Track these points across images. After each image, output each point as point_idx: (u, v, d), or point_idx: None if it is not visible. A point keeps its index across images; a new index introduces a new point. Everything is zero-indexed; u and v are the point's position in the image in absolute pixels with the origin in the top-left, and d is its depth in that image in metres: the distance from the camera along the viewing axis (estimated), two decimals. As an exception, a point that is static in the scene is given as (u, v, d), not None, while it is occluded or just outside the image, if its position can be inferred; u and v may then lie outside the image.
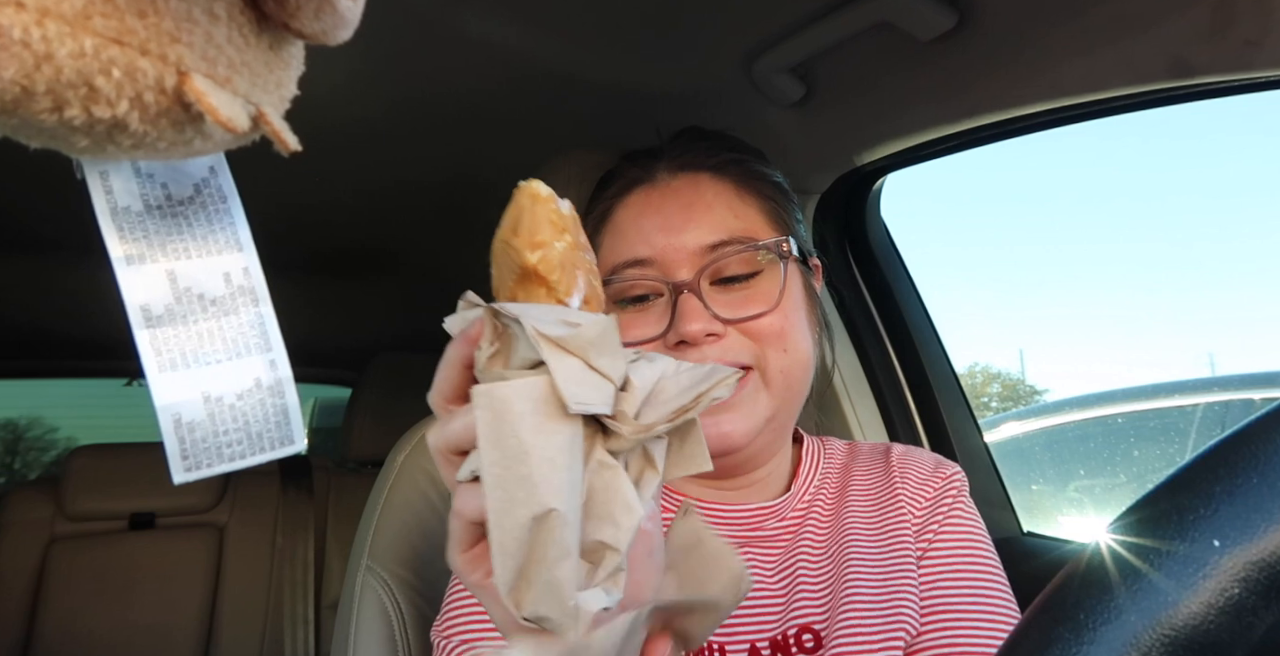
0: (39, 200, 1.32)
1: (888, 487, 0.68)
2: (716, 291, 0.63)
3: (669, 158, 0.68)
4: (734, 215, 0.64)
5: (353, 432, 1.96)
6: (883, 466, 0.70)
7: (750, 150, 0.72)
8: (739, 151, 0.70)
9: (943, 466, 0.70)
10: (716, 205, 0.64)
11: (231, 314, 0.28)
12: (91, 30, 0.19)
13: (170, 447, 0.26)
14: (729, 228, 0.63)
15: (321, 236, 1.66)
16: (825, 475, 0.71)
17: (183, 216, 0.28)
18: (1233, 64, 0.63)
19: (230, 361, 0.28)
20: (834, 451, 0.74)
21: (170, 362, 0.27)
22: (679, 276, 0.62)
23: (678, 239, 0.63)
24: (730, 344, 0.62)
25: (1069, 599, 0.24)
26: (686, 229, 0.63)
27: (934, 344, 1.12)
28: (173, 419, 0.26)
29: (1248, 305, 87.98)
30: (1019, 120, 0.84)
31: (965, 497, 0.68)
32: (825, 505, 0.68)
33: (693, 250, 0.62)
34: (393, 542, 0.84)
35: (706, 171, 0.66)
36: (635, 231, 0.65)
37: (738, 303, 0.62)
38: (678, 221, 0.63)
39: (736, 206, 0.65)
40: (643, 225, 0.65)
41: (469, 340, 0.34)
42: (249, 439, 0.28)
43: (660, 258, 0.63)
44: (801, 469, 0.70)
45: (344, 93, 1.01)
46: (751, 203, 0.66)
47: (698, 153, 0.68)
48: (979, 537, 0.66)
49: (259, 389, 0.28)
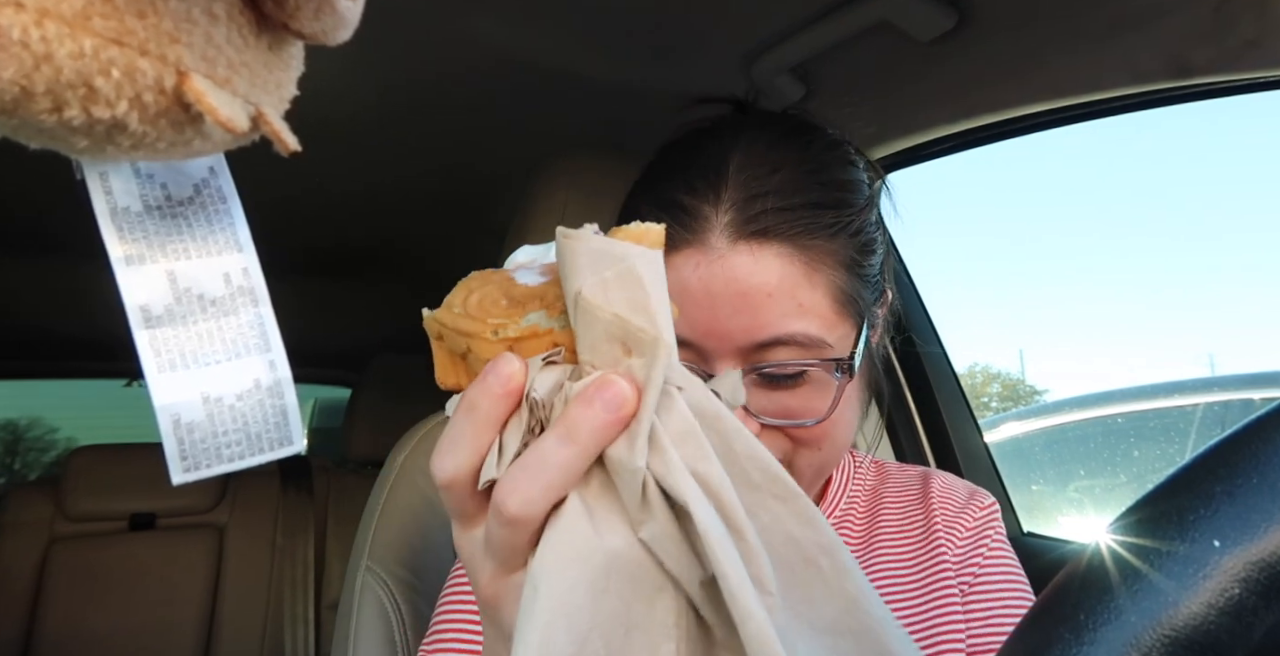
0: (38, 201, 1.32)
1: (925, 519, 0.64)
2: (759, 385, 0.54)
3: (731, 210, 0.53)
4: (798, 306, 0.52)
5: (353, 433, 1.96)
6: (919, 493, 0.66)
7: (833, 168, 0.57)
8: (822, 184, 0.54)
9: (978, 495, 0.66)
10: (779, 295, 0.51)
11: (231, 314, 0.28)
12: (91, 31, 0.19)
13: (169, 448, 0.26)
14: (788, 324, 0.51)
15: (322, 237, 1.66)
16: (854, 497, 0.67)
17: (182, 217, 0.28)
18: (1233, 64, 0.63)
19: (230, 362, 0.28)
20: (863, 471, 0.69)
21: (170, 363, 0.27)
22: (717, 369, 0.53)
23: (723, 327, 0.52)
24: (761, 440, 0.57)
25: (1069, 599, 0.24)
26: (736, 318, 0.51)
27: (934, 344, 1.12)
28: (172, 419, 0.26)
29: (1248, 305, 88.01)
30: (1019, 120, 0.84)
31: (1003, 529, 0.65)
32: (854, 528, 0.65)
33: (740, 345, 0.52)
34: (392, 543, 0.84)
35: (776, 241, 0.52)
36: (679, 304, 0.54)
37: (780, 403, 0.53)
38: (727, 309, 0.51)
39: (803, 293, 0.52)
40: (684, 302, 0.53)
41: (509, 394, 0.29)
42: (248, 439, 0.28)
43: (700, 343, 0.53)
44: (831, 489, 0.66)
45: (344, 92, 1.01)
46: (819, 287, 0.52)
47: (767, 197, 0.52)
48: (1019, 573, 0.63)
49: (258, 389, 0.28)
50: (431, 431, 0.88)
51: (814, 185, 0.54)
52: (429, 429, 0.89)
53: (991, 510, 0.65)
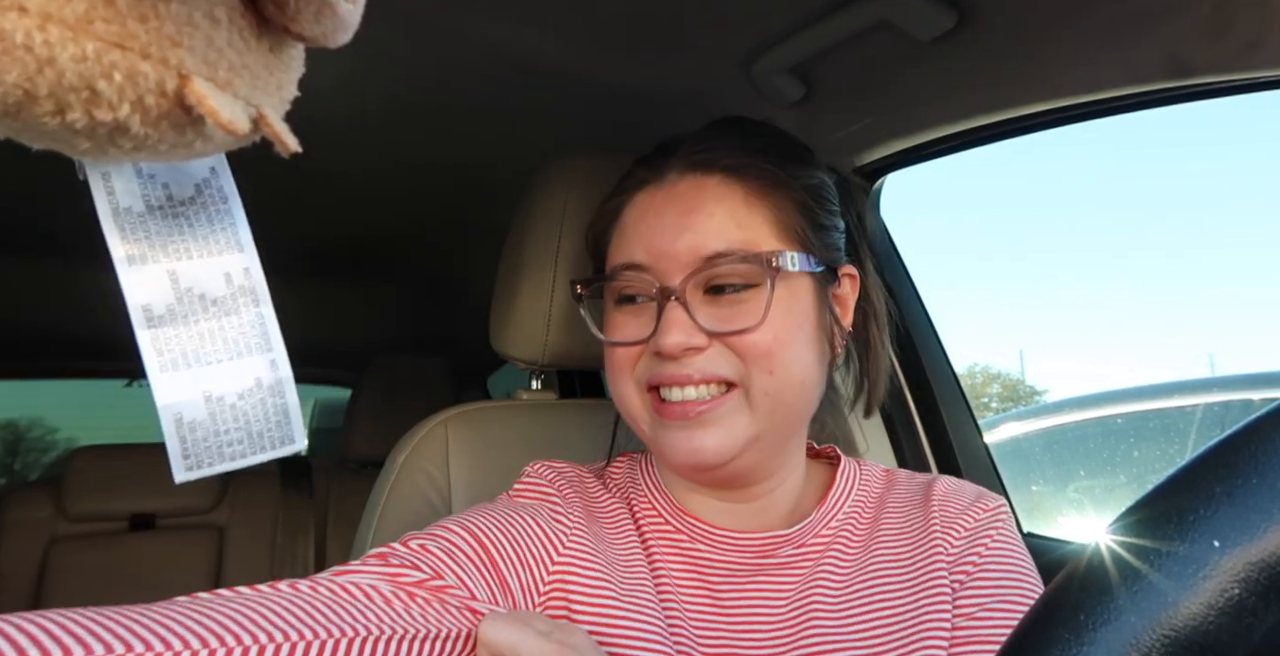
0: (41, 201, 1.32)
1: (923, 520, 0.65)
2: (707, 301, 0.60)
3: (684, 153, 0.64)
4: (736, 224, 0.60)
5: (353, 433, 1.96)
6: (922, 499, 0.67)
7: (784, 149, 0.66)
8: (767, 152, 0.64)
9: (985, 497, 0.66)
10: (718, 212, 0.60)
11: (232, 314, 0.28)
12: (93, 34, 0.19)
13: (171, 447, 0.26)
14: (728, 238, 0.59)
15: (323, 237, 1.66)
16: (858, 504, 0.67)
17: (184, 217, 0.28)
18: (1233, 64, 0.63)
19: (231, 361, 0.28)
20: (871, 478, 0.70)
21: (172, 362, 0.27)
22: (669, 282, 0.60)
23: (672, 245, 0.60)
24: (713, 356, 0.59)
25: (1069, 600, 0.24)
26: (682, 235, 0.60)
27: (934, 344, 1.12)
28: (174, 418, 0.26)
29: (1248, 305, 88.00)
30: (1019, 120, 0.84)
31: (1010, 529, 0.64)
32: (854, 535, 0.65)
33: (686, 259, 0.59)
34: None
35: (717, 173, 0.62)
36: (634, 234, 0.63)
37: (725, 316, 0.59)
38: (675, 227, 0.60)
39: (741, 214, 0.61)
40: (641, 229, 0.62)
41: None
42: (250, 438, 0.28)
43: (654, 264, 0.61)
44: (831, 494, 0.66)
45: (344, 92, 1.01)
46: (760, 210, 0.61)
47: (716, 150, 0.63)
48: (1023, 570, 0.62)
49: (259, 388, 0.28)
50: (432, 432, 0.88)
51: (762, 149, 0.64)
52: (429, 429, 0.89)
53: (996, 511, 0.65)
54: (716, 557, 0.63)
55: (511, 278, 0.88)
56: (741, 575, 0.62)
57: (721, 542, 0.64)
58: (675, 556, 0.63)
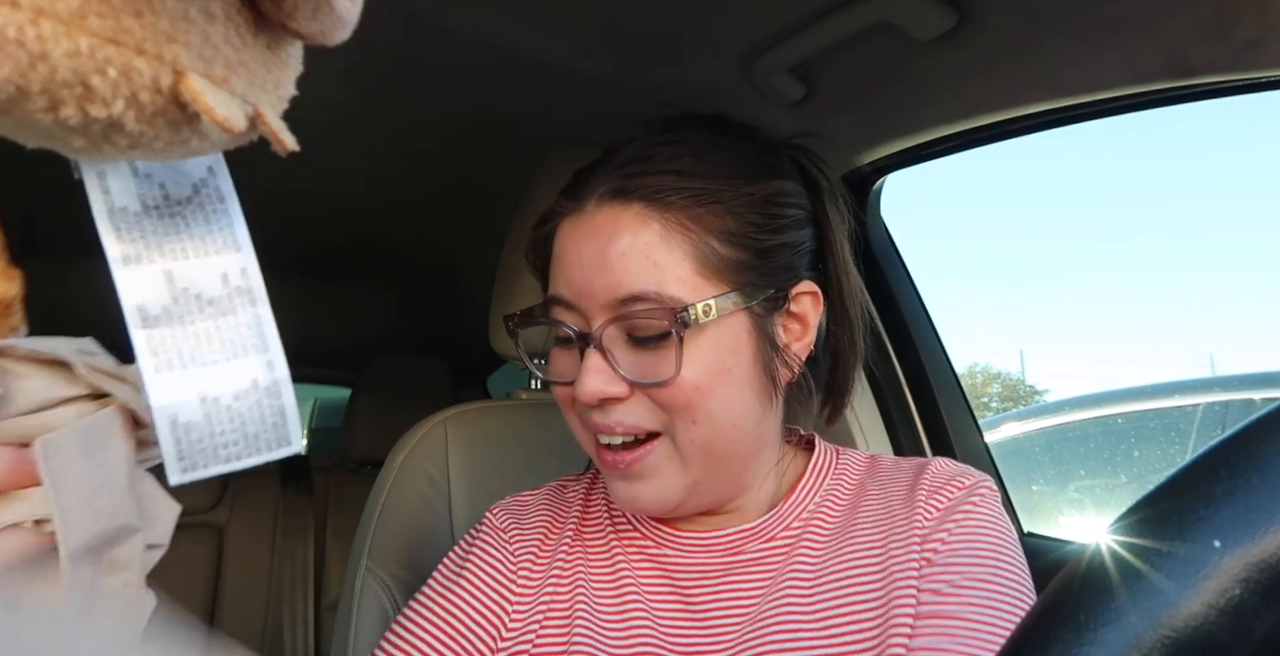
0: (35, 200, 1.31)
1: (908, 502, 0.60)
2: (630, 347, 0.56)
3: (605, 175, 0.58)
4: (652, 264, 0.54)
5: (352, 433, 1.96)
6: (911, 481, 0.62)
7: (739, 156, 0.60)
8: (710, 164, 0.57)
9: (965, 474, 0.62)
10: (632, 250, 0.55)
11: (229, 314, 0.28)
12: (87, 30, 0.19)
13: (167, 448, 0.26)
14: (642, 279, 0.54)
15: (321, 237, 1.66)
16: (831, 492, 0.64)
17: (180, 217, 0.28)
18: (1233, 64, 0.63)
19: (227, 362, 0.28)
20: (848, 466, 0.66)
21: (167, 363, 0.26)
22: (592, 323, 0.56)
23: (589, 283, 0.56)
24: (633, 407, 0.56)
25: (1069, 600, 0.24)
26: (598, 274, 0.55)
27: (934, 344, 1.12)
28: (169, 419, 0.26)
29: (1248, 305, 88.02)
30: (1019, 120, 0.84)
31: (988, 506, 0.59)
32: (827, 523, 0.62)
33: (603, 299, 0.55)
34: (392, 543, 0.84)
35: (636, 203, 0.56)
36: (560, 266, 0.59)
37: (646, 364, 0.55)
38: (591, 265, 0.56)
39: (657, 252, 0.55)
40: (564, 263, 0.58)
41: None
42: (246, 440, 0.28)
43: (577, 301, 0.57)
44: (800, 486, 0.63)
45: (343, 91, 1.01)
46: (680, 245, 0.55)
47: (639, 174, 0.56)
48: (997, 547, 0.57)
49: (256, 390, 0.28)
50: (431, 431, 0.88)
51: (692, 159, 0.58)
52: (429, 429, 0.89)
53: (974, 486, 0.60)
54: (685, 561, 0.62)
55: (511, 278, 0.88)
56: (712, 576, 0.61)
57: (688, 545, 0.62)
58: (645, 563, 0.63)
